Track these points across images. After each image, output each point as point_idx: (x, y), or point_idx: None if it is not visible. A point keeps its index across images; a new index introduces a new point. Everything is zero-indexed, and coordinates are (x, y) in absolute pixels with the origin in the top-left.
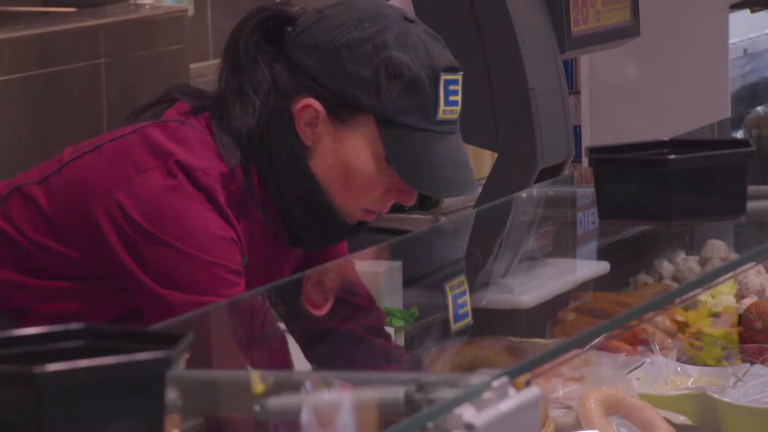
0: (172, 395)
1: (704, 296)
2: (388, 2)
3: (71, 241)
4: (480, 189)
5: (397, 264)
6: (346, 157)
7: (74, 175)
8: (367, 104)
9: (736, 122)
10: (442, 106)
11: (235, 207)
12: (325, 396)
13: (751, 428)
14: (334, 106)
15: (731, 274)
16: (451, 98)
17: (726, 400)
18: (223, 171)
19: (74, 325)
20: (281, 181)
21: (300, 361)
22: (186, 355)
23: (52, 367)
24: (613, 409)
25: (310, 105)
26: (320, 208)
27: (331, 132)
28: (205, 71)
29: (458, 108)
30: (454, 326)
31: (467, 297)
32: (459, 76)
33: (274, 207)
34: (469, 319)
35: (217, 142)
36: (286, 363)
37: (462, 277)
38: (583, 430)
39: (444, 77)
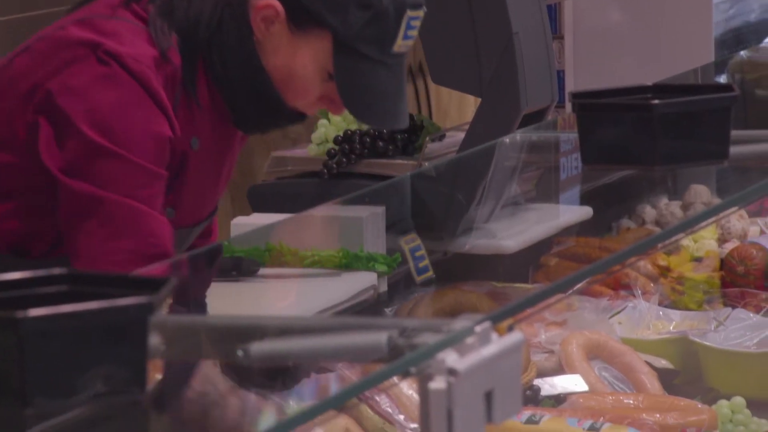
0: (154, 340)
1: (686, 241)
2: None
3: (9, 144)
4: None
5: (380, 209)
6: (293, 65)
7: (4, 78)
8: (330, 23)
9: (720, 67)
10: (399, 41)
11: (172, 90)
12: (307, 342)
13: (732, 372)
14: (296, 14)
15: (713, 218)
16: (410, 33)
17: (707, 344)
18: (155, 55)
19: (56, 270)
20: (228, 66)
21: (277, 309)
22: (169, 300)
23: (35, 312)
24: (595, 353)
25: (272, 5)
26: (266, 95)
27: (285, 35)
28: None
29: (412, 42)
30: (419, 279)
31: (423, 250)
32: (422, 13)
33: (218, 89)
34: (430, 273)
35: (150, 26)
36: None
37: (413, 233)
38: (565, 374)
39: (409, 13)
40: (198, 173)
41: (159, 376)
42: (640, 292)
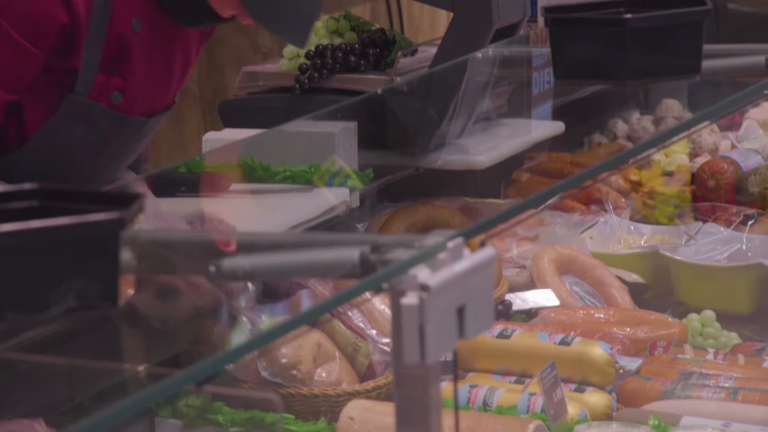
0: (126, 255)
1: (658, 155)
2: None
3: None
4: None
5: (352, 125)
6: None
7: None
8: None
9: None
10: None
11: None
12: (279, 258)
13: (702, 286)
14: None
15: (685, 133)
16: None
17: (678, 258)
18: None
19: (27, 185)
20: None
21: (249, 224)
22: (140, 216)
23: (5, 227)
24: (567, 267)
25: None
26: None
27: None
28: None
29: None
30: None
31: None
32: None
33: None
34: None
35: None
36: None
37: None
38: (537, 288)
39: None
40: (145, 59)
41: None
42: (611, 206)
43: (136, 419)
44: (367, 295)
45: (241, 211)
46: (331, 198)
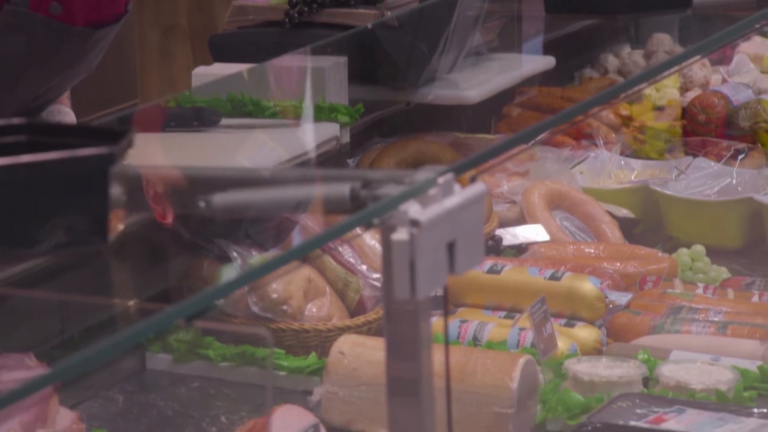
0: (116, 191)
1: (649, 90)
2: None
3: None
4: None
5: (342, 59)
6: None
7: None
8: None
9: None
10: None
11: None
12: (269, 194)
13: (692, 220)
14: None
15: (676, 67)
16: None
17: (668, 192)
18: None
19: (16, 120)
20: None
21: (238, 160)
22: (129, 151)
23: None
24: (557, 203)
25: None
26: None
27: None
28: None
29: None
30: None
31: None
32: None
33: None
34: None
35: None
36: None
37: None
38: (527, 224)
39: None
40: None
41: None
42: (602, 141)
43: (126, 354)
44: (358, 230)
45: (231, 147)
46: (321, 134)
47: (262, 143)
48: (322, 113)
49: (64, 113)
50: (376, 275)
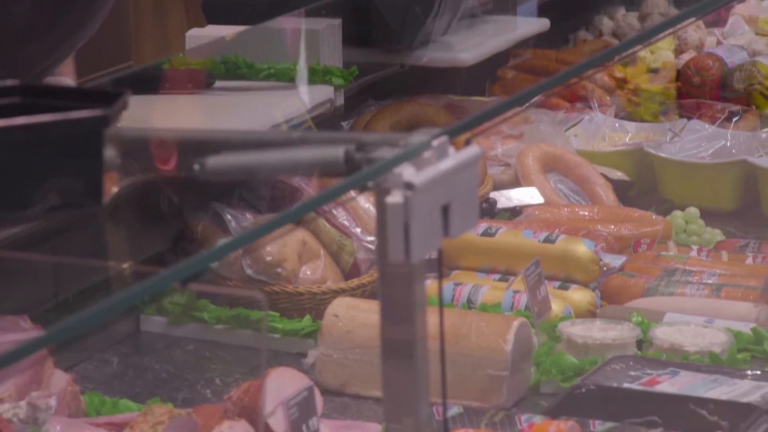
0: (110, 153)
1: (643, 52)
2: None
3: None
4: None
5: (336, 22)
6: None
7: None
8: None
9: None
10: None
11: None
12: (264, 156)
13: (687, 183)
14: None
15: (671, 29)
16: None
17: (662, 155)
18: None
19: (9, 82)
20: None
21: (232, 122)
22: (124, 113)
23: None
24: (551, 165)
25: None
26: None
27: None
28: None
29: None
30: None
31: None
32: None
33: None
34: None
35: None
36: None
37: None
38: (522, 186)
39: None
40: None
41: (115, 189)
42: (596, 104)
43: (121, 317)
44: (352, 193)
45: (225, 109)
46: (315, 96)
47: (256, 106)
48: (316, 76)
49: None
50: (371, 238)
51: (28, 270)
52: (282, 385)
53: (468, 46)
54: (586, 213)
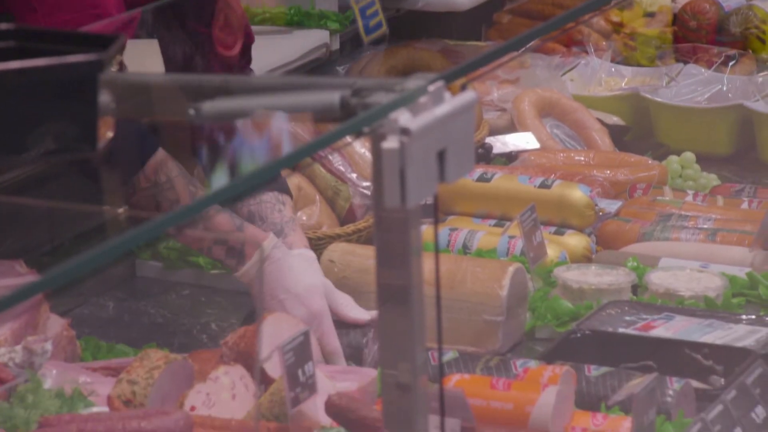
0: (104, 98)
1: None
2: None
3: None
4: None
5: None
6: None
7: None
8: None
9: None
10: None
11: None
12: (259, 101)
13: (683, 127)
14: None
15: None
16: None
17: (658, 99)
18: None
19: (3, 26)
20: None
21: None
22: (118, 58)
23: None
24: (547, 110)
25: None
26: None
27: None
28: None
29: None
30: (367, 39)
31: (377, 5)
32: None
33: None
34: (383, 29)
35: None
36: None
37: None
38: (517, 131)
39: None
40: None
41: (110, 134)
42: (592, 48)
43: (116, 261)
44: (348, 138)
45: None
46: (310, 41)
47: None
48: (312, 20)
49: None
50: (366, 183)
51: (24, 214)
52: (278, 330)
53: None
54: (582, 158)
